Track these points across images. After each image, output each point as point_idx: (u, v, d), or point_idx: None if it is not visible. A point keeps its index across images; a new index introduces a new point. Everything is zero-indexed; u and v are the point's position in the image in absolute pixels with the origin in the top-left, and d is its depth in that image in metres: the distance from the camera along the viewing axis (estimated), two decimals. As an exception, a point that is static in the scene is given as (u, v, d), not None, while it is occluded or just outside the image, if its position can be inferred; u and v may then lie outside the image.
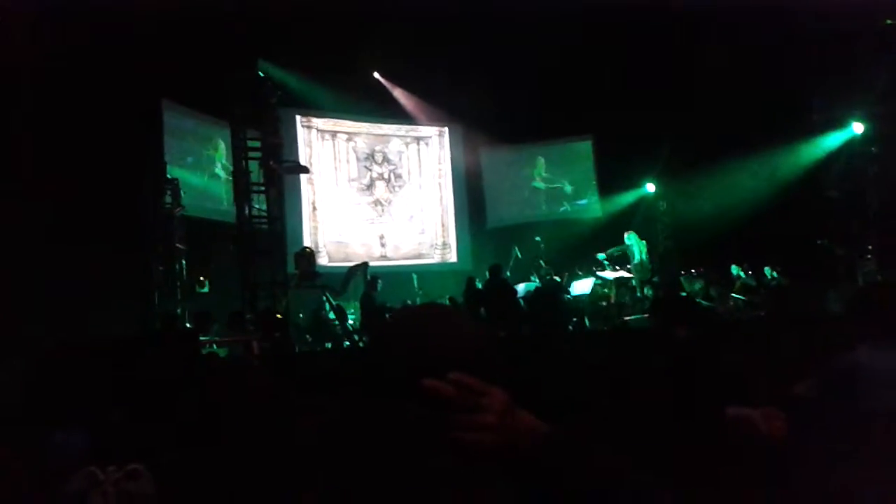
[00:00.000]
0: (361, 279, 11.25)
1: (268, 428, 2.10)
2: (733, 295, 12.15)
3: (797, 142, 14.11)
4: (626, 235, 13.45)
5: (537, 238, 14.60)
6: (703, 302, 11.19)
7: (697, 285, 12.57)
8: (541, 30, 12.92)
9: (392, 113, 16.46)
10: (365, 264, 11.57)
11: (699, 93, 13.35)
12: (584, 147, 17.42)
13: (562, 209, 17.51)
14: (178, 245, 10.78)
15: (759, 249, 12.94)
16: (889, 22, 11.98)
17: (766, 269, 12.59)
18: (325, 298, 10.64)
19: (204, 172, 13.45)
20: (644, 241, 13.40)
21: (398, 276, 14.42)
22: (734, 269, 12.95)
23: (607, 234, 14.15)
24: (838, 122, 13.78)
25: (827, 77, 12.50)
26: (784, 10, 11.16)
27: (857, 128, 13.59)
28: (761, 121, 13.15)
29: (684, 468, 2.57)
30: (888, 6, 11.73)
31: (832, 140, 13.99)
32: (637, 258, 13.12)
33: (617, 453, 1.27)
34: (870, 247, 11.79)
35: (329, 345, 10.53)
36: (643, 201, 16.40)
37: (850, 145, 13.72)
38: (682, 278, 12.86)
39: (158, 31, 10.19)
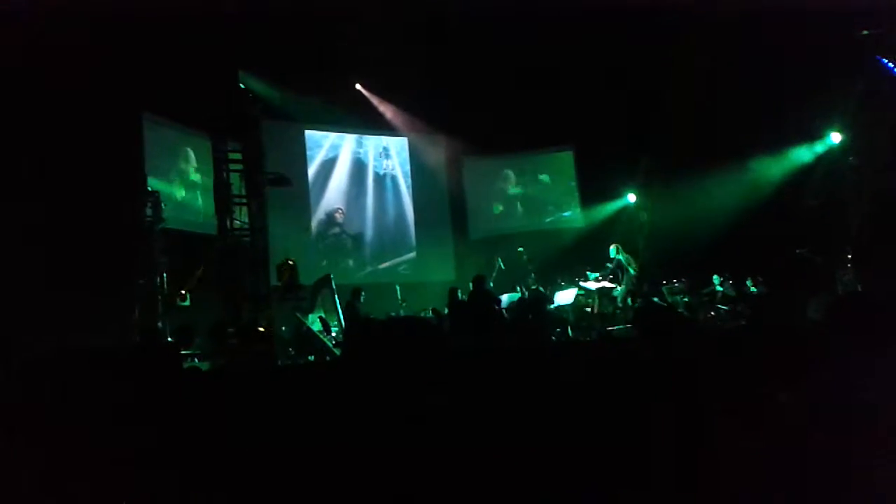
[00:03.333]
0: (328, 291, 11.20)
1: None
2: (714, 305, 12.22)
3: (776, 152, 14.25)
4: (611, 248, 13.23)
5: (520, 249, 14.61)
6: (685, 312, 11.24)
7: (679, 295, 12.62)
8: (523, 40, 12.99)
9: (374, 124, 16.47)
10: (328, 276, 11.48)
11: (680, 103, 13.46)
12: (566, 157, 17.49)
13: (544, 220, 17.54)
14: (158, 258, 10.69)
15: (740, 259, 13.02)
16: (865, 32, 12.14)
17: (748, 281, 12.65)
18: (298, 316, 10.58)
19: (185, 185, 13.38)
20: (629, 255, 13.24)
21: (381, 287, 14.39)
22: (715, 279, 13.02)
23: (589, 244, 14.17)
24: (817, 132, 13.95)
25: (805, 87, 12.64)
26: (762, 21, 11.27)
27: (835, 137, 13.76)
28: (741, 131, 13.25)
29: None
30: (864, 17, 11.89)
31: (811, 150, 14.16)
32: (630, 271, 12.94)
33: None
34: (849, 256, 11.89)
35: (312, 357, 10.47)
36: (625, 212, 16.48)
37: (829, 155, 13.89)
38: (663, 288, 12.89)
39: (140, 42, 10.15)
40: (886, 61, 12.50)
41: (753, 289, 12.47)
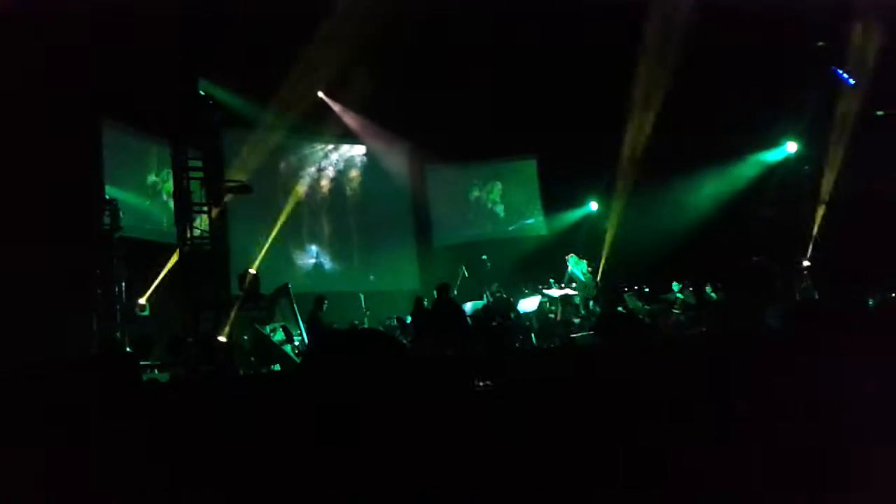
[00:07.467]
0: (286, 300, 11.10)
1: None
2: (675, 312, 12.36)
3: (734, 161, 14.47)
4: (567, 258, 13.55)
5: (483, 257, 14.64)
6: (646, 319, 11.35)
7: (640, 302, 12.74)
8: (488, 49, 13.05)
9: (337, 131, 16.38)
10: (286, 286, 11.38)
11: (640, 115, 13.63)
12: (529, 166, 17.58)
13: (508, 228, 17.61)
14: (117, 267, 10.50)
15: (700, 267, 13.18)
16: (821, 44, 12.42)
17: (708, 288, 12.82)
18: (256, 327, 10.45)
19: (144, 193, 13.13)
20: (584, 261, 13.51)
21: (345, 296, 14.29)
22: (675, 287, 13.16)
23: (553, 251, 14.25)
24: (772, 142, 14.20)
25: (761, 97, 12.85)
26: (719, 33, 11.46)
27: (791, 147, 14.01)
28: (699, 141, 13.43)
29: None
30: (819, 29, 12.15)
31: (767, 159, 14.40)
32: (581, 278, 13.23)
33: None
34: (805, 263, 12.12)
35: (277, 367, 10.36)
36: (587, 220, 16.62)
37: (785, 164, 14.14)
38: (625, 295, 13.01)
39: (100, 47, 9.98)
40: (841, 72, 12.79)
41: (713, 295, 12.64)
